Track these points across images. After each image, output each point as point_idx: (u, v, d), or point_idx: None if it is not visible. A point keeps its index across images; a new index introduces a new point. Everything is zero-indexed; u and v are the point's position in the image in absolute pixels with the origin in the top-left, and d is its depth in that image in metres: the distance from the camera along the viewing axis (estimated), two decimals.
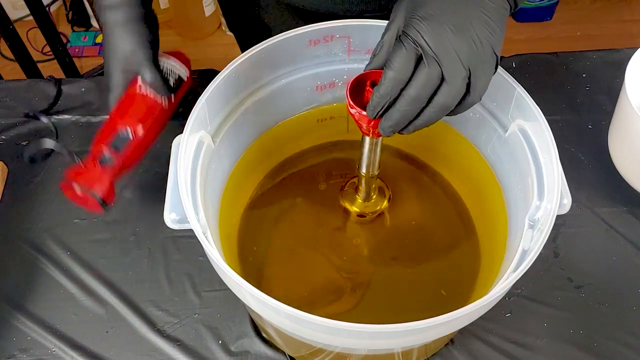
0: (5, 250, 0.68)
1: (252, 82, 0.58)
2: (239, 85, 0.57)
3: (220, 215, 0.58)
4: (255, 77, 0.58)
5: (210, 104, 0.53)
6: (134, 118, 0.58)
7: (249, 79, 0.58)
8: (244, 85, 0.58)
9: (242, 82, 0.57)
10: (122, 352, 0.61)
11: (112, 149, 0.57)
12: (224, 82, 0.54)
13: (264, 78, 0.59)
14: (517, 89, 0.53)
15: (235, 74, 0.55)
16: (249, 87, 0.58)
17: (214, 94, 0.53)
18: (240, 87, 0.58)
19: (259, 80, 0.59)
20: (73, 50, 1.80)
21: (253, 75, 0.58)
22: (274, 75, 0.59)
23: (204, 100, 0.52)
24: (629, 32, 1.83)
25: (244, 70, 0.55)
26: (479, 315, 0.46)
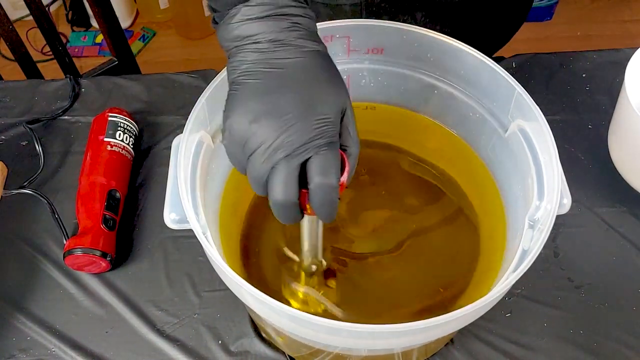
0: (5, 250, 0.68)
1: None
2: None
3: (220, 215, 0.57)
4: None
5: (210, 104, 0.53)
6: (118, 178, 0.69)
7: None
8: None
9: None
10: (122, 352, 0.61)
11: (110, 212, 0.66)
12: (224, 82, 0.54)
13: None
14: (517, 89, 0.53)
15: None
16: None
17: (214, 94, 0.53)
18: None
19: None
20: (73, 50, 1.80)
21: None
22: None
23: (204, 100, 0.52)
24: (629, 32, 1.83)
25: None
26: (479, 315, 0.46)
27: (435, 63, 0.59)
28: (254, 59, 0.43)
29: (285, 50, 0.43)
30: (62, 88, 0.81)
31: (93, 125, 0.72)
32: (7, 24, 0.94)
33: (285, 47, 0.43)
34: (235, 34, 0.44)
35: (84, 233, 0.64)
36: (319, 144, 0.42)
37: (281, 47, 0.43)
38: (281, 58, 0.43)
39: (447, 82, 0.60)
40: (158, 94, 0.80)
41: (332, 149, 0.42)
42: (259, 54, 0.43)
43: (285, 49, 0.43)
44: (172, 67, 1.69)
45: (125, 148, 0.71)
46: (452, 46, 0.55)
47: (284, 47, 0.43)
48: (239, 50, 0.44)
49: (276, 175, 0.42)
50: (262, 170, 0.42)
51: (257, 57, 0.43)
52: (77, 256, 0.62)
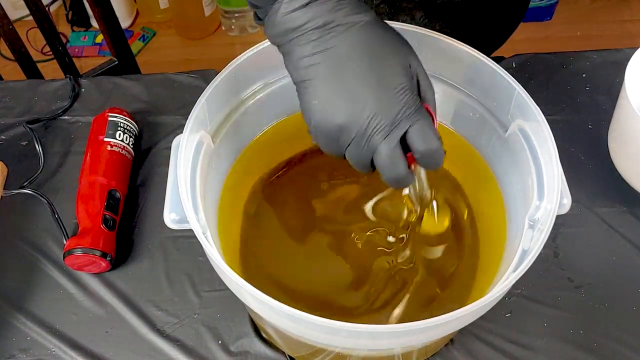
0: (5, 250, 0.68)
1: (252, 82, 0.58)
2: (239, 85, 0.57)
3: (220, 215, 0.57)
4: (255, 77, 0.58)
5: (210, 104, 0.53)
6: (118, 178, 0.69)
7: (249, 79, 0.58)
8: (244, 85, 0.58)
9: (242, 82, 0.57)
10: (122, 352, 0.61)
11: (110, 212, 0.66)
12: (223, 82, 0.54)
13: (264, 78, 0.59)
14: (517, 89, 0.53)
15: (235, 74, 0.55)
16: (249, 87, 0.58)
17: (213, 94, 0.53)
18: (240, 87, 0.58)
19: (259, 80, 0.59)
20: (73, 50, 1.80)
21: (253, 75, 0.58)
22: (274, 75, 0.59)
23: (203, 100, 0.52)
24: (629, 32, 1.83)
25: (243, 70, 0.55)
26: (479, 315, 0.46)
27: (435, 63, 0.59)
28: (311, 51, 0.43)
29: (339, 33, 0.43)
30: (62, 88, 0.81)
31: (93, 125, 0.72)
32: (7, 24, 0.94)
33: (338, 29, 0.43)
34: (284, 28, 0.43)
35: (84, 233, 0.64)
36: (408, 113, 0.43)
37: (332, 31, 0.43)
38: (337, 44, 0.43)
39: (447, 82, 0.60)
40: (158, 94, 0.80)
41: (422, 114, 0.44)
42: (315, 44, 0.43)
43: (338, 32, 0.43)
44: (172, 67, 1.69)
45: (125, 148, 0.71)
46: (452, 46, 0.55)
47: (335, 30, 0.43)
48: (293, 45, 0.43)
49: (382, 158, 0.43)
50: (365, 157, 0.44)
51: (314, 48, 0.43)
52: (77, 256, 0.62)
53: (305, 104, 0.44)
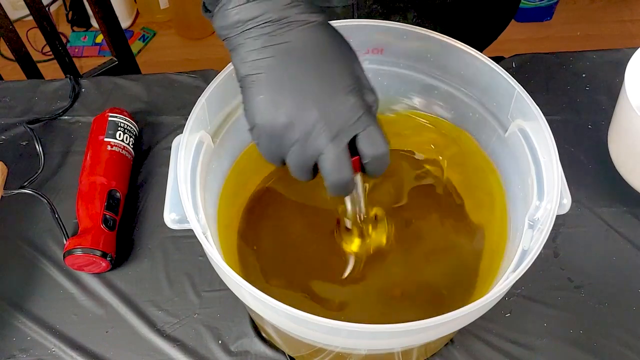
0: (5, 250, 0.68)
1: None
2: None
3: (220, 215, 0.57)
4: None
5: (210, 104, 0.53)
6: (118, 178, 0.69)
7: None
8: None
9: None
10: (122, 352, 0.61)
11: (110, 212, 0.66)
12: (224, 82, 0.54)
13: None
14: (517, 89, 0.53)
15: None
16: None
17: (213, 94, 0.53)
18: None
19: None
20: (73, 50, 1.80)
21: None
22: None
23: (204, 100, 0.52)
24: (628, 32, 1.83)
25: None
26: (479, 315, 0.46)
27: (435, 63, 0.59)
28: (260, 45, 0.41)
29: (291, 29, 0.41)
30: (62, 88, 0.81)
31: (93, 125, 0.72)
32: (7, 24, 0.94)
33: (290, 26, 0.41)
34: (235, 20, 0.41)
35: (84, 233, 0.64)
36: (358, 117, 0.41)
37: (286, 27, 0.41)
38: (289, 40, 0.41)
39: (447, 82, 0.60)
40: (158, 94, 0.80)
41: (370, 119, 0.42)
42: (266, 38, 0.41)
43: (290, 29, 0.41)
44: (172, 67, 1.69)
45: (125, 148, 0.71)
46: (452, 46, 0.55)
47: (289, 26, 0.41)
48: (243, 38, 0.42)
49: (328, 161, 0.42)
50: (308, 160, 0.42)
51: (264, 43, 0.41)
52: (77, 256, 0.62)
53: (249, 100, 0.42)
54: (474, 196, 0.64)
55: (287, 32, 0.41)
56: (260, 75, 0.41)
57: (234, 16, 0.41)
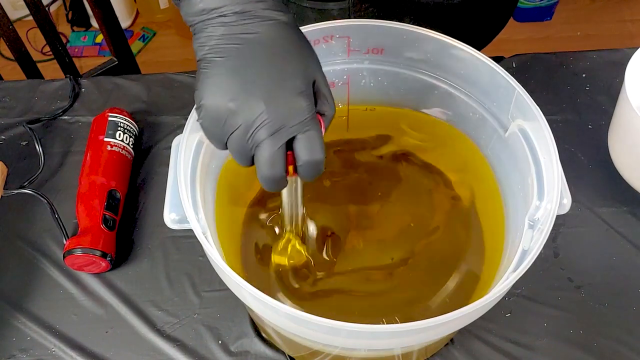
0: (5, 250, 0.68)
1: None
2: None
3: (220, 215, 0.57)
4: None
5: None
6: (118, 178, 0.69)
7: None
8: None
9: None
10: (122, 352, 0.61)
11: (110, 212, 0.66)
12: None
13: None
14: (517, 89, 0.53)
15: None
16: None
17: None
18: None
19: None
20: (73, 50, 1.80)
21: None
22: None
23: None
24: (629, 32, 1.83)
25: None
26: (479, 315, 0.46)
27: (435, 63, 0.59)
28: (221, 34, 0.43)
29: (253, 22, 0.43)
30: (62, 88, 0.81)
31: (93, 125, 0.72)
32: (7, 24, 0.94)
33: (253, 19, 0.43)
34: (200, 7, 0.43)
35: (83, 233, 0.64)
36: (300, 120, 0.42)
37: (249, 20, 0.43)
38: (250, 32, 0.43)
39: (447, 82, 0.60)
40: (158, 94, 0.80)
41: (313, 124, 0.43)
42: (227, 28, 0.43)
43: (252, 22, 0.43)
44: (172, 67, 1.69)
45: (125, 148, 0.71)
46: (452, 46, 0.55)
47: (252, 20, 0.43)
48: (205, 25, 0.43)
49: (263, 154, 0.43)
50: (246, 148, 0.43)
51: (224, 32, 0.43)
52: (77, 256, 0.62)
53: (200, 81, 0.43)
54: (473, 196, 0.64)
55: (248, 24, 0.43)
56: (215, 60, 0.43)
57: (199, 4, 0.43)
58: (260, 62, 0.43)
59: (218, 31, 0.43)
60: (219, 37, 0.43)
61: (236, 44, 0.43)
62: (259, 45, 0.43)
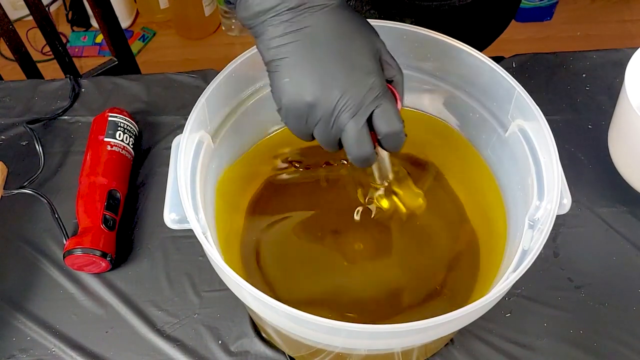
0: (5, 250, 0.68)
1: (252, 82, 0.58)
2: (239, 85, 0.57)
3: (220, 215, 0.57)
4: (255, 77, 0.58)
5: (210, 104, 0.53)
6: (118, 178, 0.69)
7: (249, 79, 0.58)
8: (244, 85, 0.58)
9: (242, 82, 0.57)
10: (122, 352, 0.61)
11: (110, 212, 0.66)
12: (224, 82, 0.54)
13: (264, 78, 0.59)
14: (517, 89, 0.53)
15: (235, 74, 0.55)
16: (249, 87, 0.58)
17: (213, 94, 0.53)
18: (240, 87, 0.57)
19: (259, 80, 0.58)
20: (73, 50, 1.80)
21: (253, 75, 0.58)
22: None
23: (203, 100, 0.52)
24: (629, 32, 1.83)
25: (244, 70, 0.55)
26: (479, 315, 0.46)
27: (435, 63, 0.59)
28: (282, 32, 0.44)
29: (310, 14, 0.44)
30: (62, 88, 0.81)
31: (93, 125, 0.72)
32: (7, 24, 0.94)
33: (309, 11, 0.44)
34: (257, 10, 0.44)
35: (84, 233, 0.64)
36: (374, 96, 0.44)
37: (304, 13, 0.44)
38: (309, 25, 0.44)
39: (447, 82, 0.60)
40: (158, 94, 0.80)
41: (387, 98, 0.45)
42: (287, 24, 0.44)
43: (309, 13, 0.44)
44: (172, 67, 1.69)
45: (125, 148, 0.71)
46: (452, 46, 0.55)
47: (307, 12, 0.44)
48: (264, 27, 0.44)
49: (349, 136, 0.45)
50: (333, 135, 0.45)
51: (285, 29, 0.44)
52: (77, 256, 0.62)
53: (275, 83, 0.45)
54: (473, 196, 0.64)
55: (305, 17, 0.44)
56: (283, 60, 0.44)
57: (255, 7, 0.44)
58: (325, 51, 0.44)
59: (278, 30, 0.44)
60: (281, 36, 0.44)
61: (299, 39, 0.44)
62: (320, 35, 0.44)
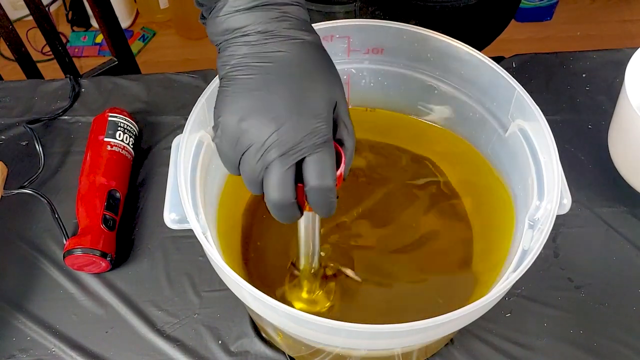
0: (5, 250, 0.68)
1: None
2: None
3: (220, 215, 0.57)
4: None
5: (210, 104, 0.53)
6: (118, 178, 0.69)
7: None
8: None
9: None
10: (122, 352, 0.61)
11: (110, 212, 0.66)
12: None
13: None
14: (517, 89, 0.53)
15: None
16: None
17: (213, 94, 0.52)
18: None
19: None
20: (72, 50, 1.80)
21: None
22: None
23: (203, 100, 0.52)
24: (629, 32, 1.83)
25: None
26: (479, 315, 0.46)
27: (435, 63, 0.59)
28: (244, 53, 0.42)
29: (276, 42, 0.42)
30: (62, 88, 0.81)
31: (93, 125, 0.72)
32: (7, 24, 0.94)
33: (275, 39, 0.42)
34: (224, 27, 0.43)
35: (84, 233, 0.64)
36: (313, 142, 0.41)
37: (271, 39, 0.42)
38: (271, 51, 0.42)
39: (447, 82, 0.60)
40: (158, 94, 0.80)
41: (326, 147, 0.41)
42: (249, 47, 0.42)
43: (275, 41, 0.42)
44: (172, 67, 1.69)
45: (125, 148, 0.71)
46: (452, 46, 0.55)
47: (274, 39, 0.42)
48: (228, 44, 0.43)
49: (271, 175, 0.41)
50: (256, 170, 0.41)
51: (247, 51, 0.42)
52: (77, 256, 0.62)
53: (219, 100, 0.43)
54: (473, 196, 0.64)
55: (270, 43, 0.42)
56: (235, 78, 0.42)
57: (223, 24, 0.43)
58: (279, 81, 0.42)
59: (241, 50, 0.42)
60: (242, 56, 0.42)
61: (257, 63, 0.42)
62: (281, 64, 0.42)
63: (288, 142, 0.40)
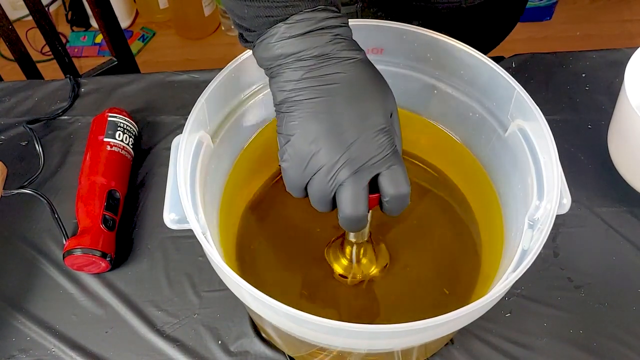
0: (5, 250, 0.68)
1: (252, 82, 0.58)
2: (239, 85, 0.57)
3: (220, 215, 0.57)
4: (255, 77, 0.58)
5: (210, 104, 0.53)
6: (118, 179, 0.69)
7: (249, 78, 0.58)
8: (244, 85, 0.58)
9: (242, 82, 0.57)
10: (122, 352, 0.61)
11: (110, 212, 0.66)
12: (223, 82, 0.54)
13: (264, 78, 0.59)
14: (517, 89, 0.53)
15: (235, 74, 0.55)
16: (249, 87, 0.58)
17: (213, 94, 0.53)
18: (240, 87, 0.57)
19: (259, 80, 0.59)
20: (72, 50, 1.80)
21: (253, 75, 0.58)
22: None
23: (203, 100, 0.52)
24: (628, 32, 1.83)
25: (243, 70, 0.55)
26: (479, 315, 0.46)
27: (435, 63, 0.59)
28: (301, 77, 0.43)
29: (332, 64, 0.43)
30: (62, 88, 0.81)
31: (93, 125, 0.72)
32: (7, 24, 0.94)
33: (331, 61, 0.43)
34: (278, 53, 0.44)
35: (83, 233, 0.64)
36: (383, 156, 0.43)
37: (327, 62, 0.43)
38: (331, 73, 0.43)
39: (447, 82, 0.60)
40: (158, 94, 0.80)
41: (396, 158, 0.44)
42: (306, 71, 0.43)
43: (331, 63, 0.43)
44: (172, 67, 1.68)
45: (125, 148, 0.71)
46: (452, 46, 0.55)
47: (330, 61, 0.43)
48: (282, 69, 0.44)
49: (345, 194, 0.43)
50: (328, 190, 0.43)
51: (304, 75, 0.43)
52: (77, 256, 0.62)
53: (284, 124, 0.44)
54: (473, 196, 0.64)
55: (327, 66, 0.43)
56: (298, 102, 0.43)
57: (277, 50, 0.44)
58: (341, 102, 0.43)
59: (297, 74, 0.43)
60: (299, 80, 0.43)
61: (317, 86, 0.43)
62: (340, 85, 0.43)
63: (360, 161, 0.42)
